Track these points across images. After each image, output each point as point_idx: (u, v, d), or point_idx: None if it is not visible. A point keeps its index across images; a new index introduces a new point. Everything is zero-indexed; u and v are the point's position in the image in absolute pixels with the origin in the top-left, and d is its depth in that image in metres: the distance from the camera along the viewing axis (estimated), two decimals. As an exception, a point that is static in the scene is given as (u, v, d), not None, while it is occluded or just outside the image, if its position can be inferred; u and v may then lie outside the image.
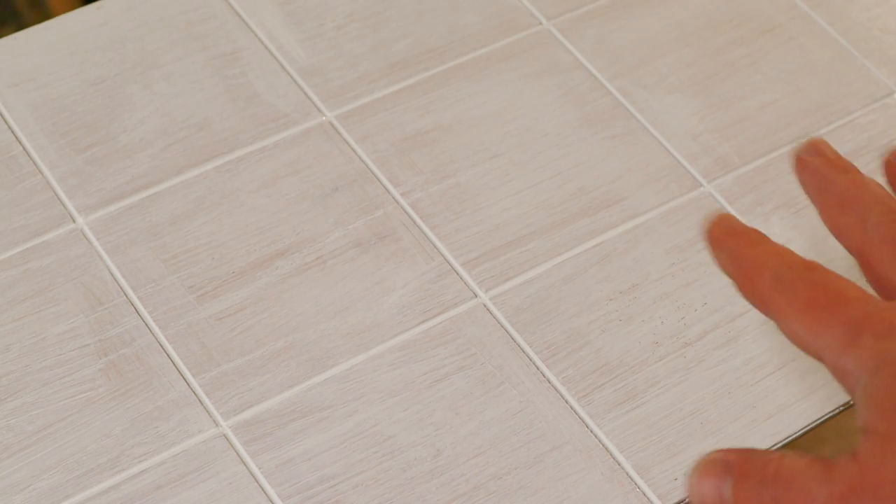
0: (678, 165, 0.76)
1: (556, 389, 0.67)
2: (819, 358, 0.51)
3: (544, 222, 0.73)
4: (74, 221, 0.71)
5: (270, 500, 0.63)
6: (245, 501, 0.63)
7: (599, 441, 0.66)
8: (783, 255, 0.54)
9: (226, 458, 0.64)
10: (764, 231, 0.74)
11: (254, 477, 0.64)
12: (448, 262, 0.71)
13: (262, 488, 0.63)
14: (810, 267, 0.52)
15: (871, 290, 0.53)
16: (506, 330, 0.69)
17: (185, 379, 0.66)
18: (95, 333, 0.67)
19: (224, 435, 0.65)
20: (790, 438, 0.67)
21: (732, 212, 0.75)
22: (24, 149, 0.74)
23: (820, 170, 0.56)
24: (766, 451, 0.51)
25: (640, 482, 0.65)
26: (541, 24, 0.82)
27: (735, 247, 0.54)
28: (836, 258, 0.74)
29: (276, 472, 0.64)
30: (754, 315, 0.71)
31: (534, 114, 0.78)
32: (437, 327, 0.69)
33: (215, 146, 0.75)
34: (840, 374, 0.51)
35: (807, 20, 0.84)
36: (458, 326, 0.69)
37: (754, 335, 0.70)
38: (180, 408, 0.65)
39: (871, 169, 0.78)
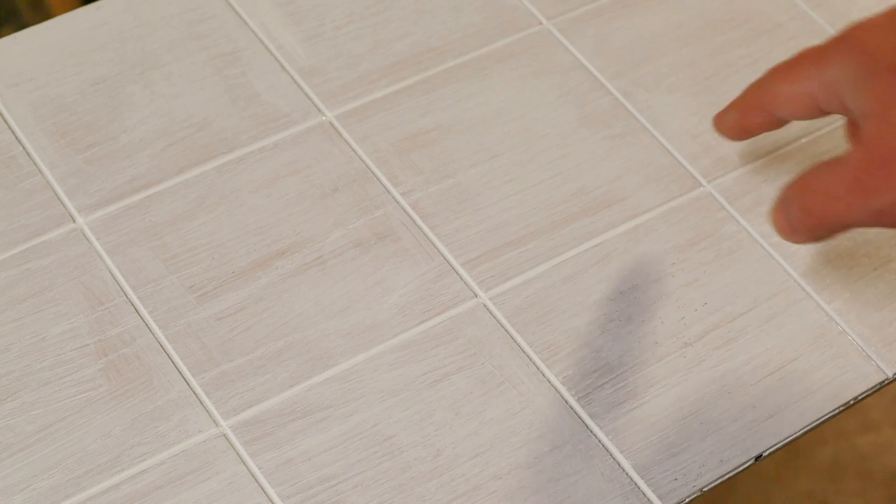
0: (678, 165, 0.76)
1: (556, 389, 0.67)
2: (815, 92, 0.57)
3: (544, 222, 0.73)
4: (74, 221, 0.71)
5: (270, 500, 0.63)
6: (245, 501, 0.63)
7: (599, 441, 0.66)
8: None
9: (226, 458, 0.64)
10: (764, 231, 0.74)
11: (254, 477, 0.64)
12: (448, 262, 0.71)
13: (262, 488, 0.63)
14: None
15: None
16: (506, 330, 0.69)
17: (185, 379, 0.66)
18: (95, 333, 0.67)
19: (224, 435, 0.65)
20: (790, 438, 0.67)
21: (732, 212, 0.75)
22: (24, 149, 0.74)
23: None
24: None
25: (640, 482, 0.65)
26: (541, 24, 0.82)
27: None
28: (838, 253, 0.74)
29: (276, 472, 0.64)
30: (754, 315, 0.71)
31: (534, 114, 0.78)
32: (437, 327, 0.69)
33: (215, 146, 0.75)
34: (827, 90, 0.56)
35: (807, 20, 0.84)
36: (458, 326, 0.69)
37: (754, 335, 0.70)
38: (180, 408, 0.65)
39: (871, 169, 0.78)
